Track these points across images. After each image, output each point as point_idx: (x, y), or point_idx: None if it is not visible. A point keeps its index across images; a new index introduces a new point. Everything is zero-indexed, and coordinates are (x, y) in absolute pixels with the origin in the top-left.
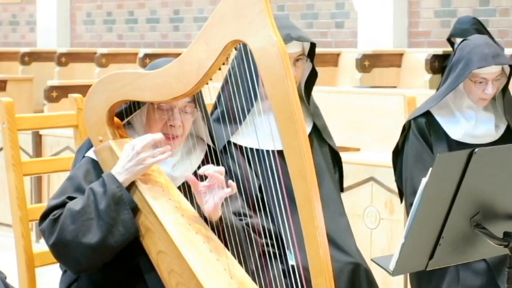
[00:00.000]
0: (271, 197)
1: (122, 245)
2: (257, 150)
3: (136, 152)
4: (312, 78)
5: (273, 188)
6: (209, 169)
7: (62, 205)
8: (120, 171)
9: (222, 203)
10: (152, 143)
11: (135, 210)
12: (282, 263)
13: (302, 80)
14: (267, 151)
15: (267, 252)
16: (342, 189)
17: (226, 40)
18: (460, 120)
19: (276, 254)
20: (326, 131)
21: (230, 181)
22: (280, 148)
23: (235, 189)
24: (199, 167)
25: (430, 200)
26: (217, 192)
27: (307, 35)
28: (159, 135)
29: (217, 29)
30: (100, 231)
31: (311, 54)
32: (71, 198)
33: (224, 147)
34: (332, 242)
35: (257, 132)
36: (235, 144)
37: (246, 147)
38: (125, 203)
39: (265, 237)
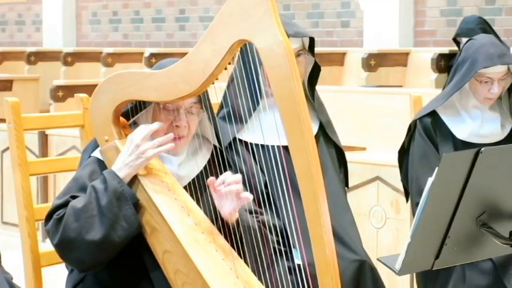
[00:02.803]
0: (277, 193)
1: (125, 240)
2: (262, 145)
3: (135, 146)
4: (315, 73)
5: (278, 183)
6: (228, 178)
7: (65, 204)
8: (120, 167)
9: None
10: (150, 134)
11: (137, 205)
12: (288, 260)
13: (305, 75)
14: (272, 146)
15: (273, 250)
16: (347, 185)
17: (232, 40)
18: (466, 119)
19: (282, 251)
20: (330, 126)
21: (245, 193)
22: (285, 143)
23: (251, 198)
24: (205, 167)
25: (436, 200)
26: (234, 199)
27: (305, 30)
28: (155, 125)
29: (223, 28)
30: (103, 228)
31: (311, 48)
32: (74, 198)
33: (230, 144)
34: (337, 238)
35: (262, 128)
36: (240, 141)
37: (251, 143)
38: (126, 198)
39: (271, 234)
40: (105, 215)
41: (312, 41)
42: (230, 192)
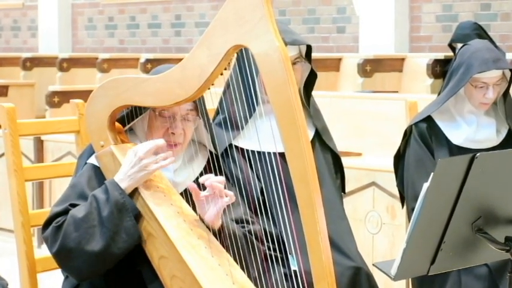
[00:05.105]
0: (273, 199)
1: (125, 252)
2: (259, 152)
3: (139, 159)
4: (311, 80)
5: (274, 190)
6: (209, 179)
7: (64, 212)
8: (122, 178)
9: (224, 210)
10: (155, 149)
11: (137, 217)
12: (284, 267)
13: (301, 82)
14: (269, 153)
15: (268, 256)
16: (344, 191)
17: (228, 45)
18: (461, 125)
19: (278, 257)
20: (326, 133)
21: (226, 191)
22: (281, 150)
23: (234, 199)
24: (201, 174)
25: (432, 205)
26: (217, 201)
27: (302, 38)
28: (161, 141)
29: (219, 34)
30: (103, 239)
31: (308, 55)
32: (73, 205)
33: (226, 150)
34: (334, 245)
35: (258, 135)
36: (236, 147)
37: (247, 150)
38: (127, 210)
39: (267, 240)
40: (105, 226)
41: (309, 48)
42: (213, 191)
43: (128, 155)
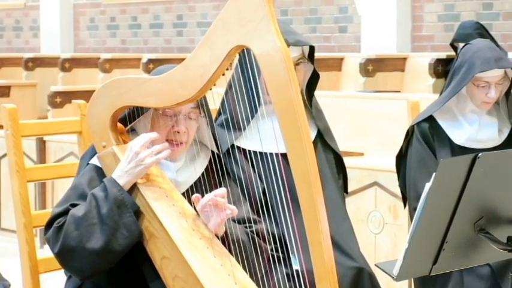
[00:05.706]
0: (275, 200)
1: (126, 248)
2: (261, 153)
3: (135, 153)
4: (313, 80)
5: (276, 191)
6: (208, 195)
7: (65, 212)
8: (120, 175)
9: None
10: (149, 142)
11: (137, 213)
12: (286, 267)
13: (304, 83)
14: (271, 154)
15: (271, 256)
16: (346, 191)
17: (230, 45)
18: (463, 124)
19: (280, 258)
20: (328, 133)
21: (228, 205)
22: (283, 151)
23: (236, 212)
24: (203, 173)
25: (434, 205)
26: (221, 211)
27: (305, 39)
28: (154, 134)
29: (221, 34)
30: (104, 236)
31: (311, 56)
32: (74, 206)
33: (228, 151)
34: (336, 245)
35: (260, 136)
36: (238, 148)
37: (249, 151)
38: (126, 206)
39: (269, 241)
40: (105, 223)
41: (311, 49)
42: (216, 206)
43: (125, 152)
